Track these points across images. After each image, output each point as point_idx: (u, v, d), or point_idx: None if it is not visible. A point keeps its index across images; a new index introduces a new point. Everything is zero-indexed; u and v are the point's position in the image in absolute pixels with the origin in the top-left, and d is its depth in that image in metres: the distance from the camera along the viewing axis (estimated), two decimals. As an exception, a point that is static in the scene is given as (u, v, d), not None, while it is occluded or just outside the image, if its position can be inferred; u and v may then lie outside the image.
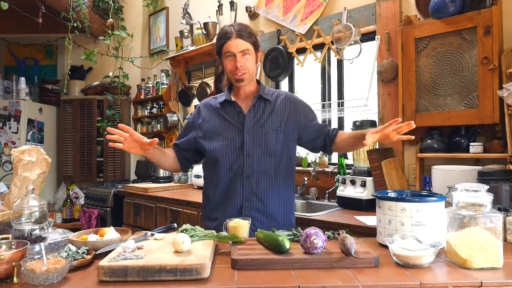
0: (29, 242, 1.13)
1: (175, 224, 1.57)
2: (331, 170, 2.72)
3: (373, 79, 2.51)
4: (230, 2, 3.31)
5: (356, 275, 1.03)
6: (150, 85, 4.40)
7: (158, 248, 1.17)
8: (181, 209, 2.87)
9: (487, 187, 1.15)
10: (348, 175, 2.38)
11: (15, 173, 1.46)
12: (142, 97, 4.48)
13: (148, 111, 4.42)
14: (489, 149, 1.94)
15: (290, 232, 1.32)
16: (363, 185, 2.24)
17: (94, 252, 1.19)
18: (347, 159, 2.61)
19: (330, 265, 1.09)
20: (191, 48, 3.70)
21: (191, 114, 1.80)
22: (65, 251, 1.15)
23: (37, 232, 1.25)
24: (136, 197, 3.38)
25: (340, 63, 2.91)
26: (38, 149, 1.52)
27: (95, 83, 4.67)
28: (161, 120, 4.20)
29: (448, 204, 1.28)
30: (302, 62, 2.90)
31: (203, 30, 3.52)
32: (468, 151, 2.00)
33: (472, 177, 1.85)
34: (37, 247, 1.22)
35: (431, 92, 2.11)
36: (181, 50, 3.86)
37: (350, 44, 2.55)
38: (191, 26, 3.72)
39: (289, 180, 1.72)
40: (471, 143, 1.98)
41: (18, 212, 1.25)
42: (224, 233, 1.35)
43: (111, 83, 4.36)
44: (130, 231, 1.40)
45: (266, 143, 1.64)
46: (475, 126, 2.03)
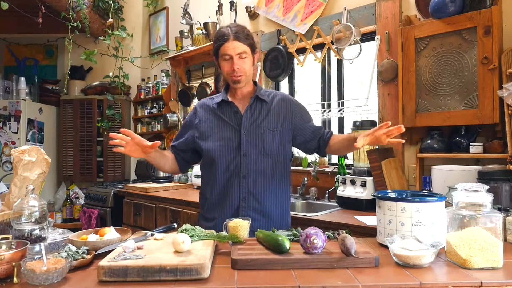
0: (29, 242, 1.13)
1: (175, 224, 1.57)
2: (331, 170, 2.72)
3: (373, 79, 2.51)
4: (230, 2, 3.31)
5: (356, 275, 1.03)
6: (150, 85, 4.40)
7: (158, 248, 1.18)
8: (181, 209, 2.87)
9: (487, 187, 1.15)
10: (348, 175, 2.38)
11: (15, 173, 1.46)
12: (142, 97, 4.48)
13: (148, 111, 4.42)
14: (489, 149, 1.94)
15: (290, 232, 1.32)
16: (363, 185, 2.24)
17: (94, 252, 1.19)
18: (347, 159, 2.61)
19: (330, 265, 1.09)
20: (191, 48, 3.70)
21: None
22: (65, 251, 1.15)
23: (37, 232, 1.25)
24: (136, 197, 3.38)
25: (340, 63, 2.91)
26: (38, 149, 1.52)
27: (95, 83, 4.67)
28: (161, 120, 4.20)
29: (448, 204, 1.28)
30: (302, 62, 2.90)
31: (203, 30, 3.52)
32: (468, 151, 2.00)
33: (472, 177, 1.85)
34: (37, 247, 1.22)
35: (431, 92, 2.11)
36: (181, 50, 3.86)
37: (350, 44, 2.55)
38: (191, 26, 3.72)
39: (285, 180, 1.73)
40: (471, 143, 1.98)
41: (18, 212, 1.26)
42: (224, 233, 1.35)
43: (111, 83, 4.36)
44: (130, 231, 1.40)
45: (263, 143, 1.65)
46: (475, 126, 2.03)
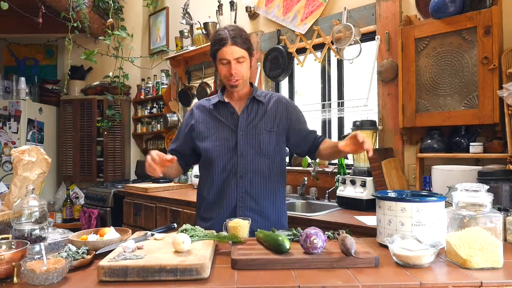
0: (29, 242, 1.13)
1: (175, 224, 1.57)
2: (331, 170, 2.72)
3: (373, 79, 2.51)
4: (230, 2, 3.31)
5: (356, 275, 1.03)
6: (150, 85, 4.40)
7: (158, 248, 1.18)
8: (181, 209, 2.87)
9: (487, 187, 1.15)
10: (348, 175, 2.38)
11: (15, 173, 1.46)
12: (142, 97, 4.48)
13: (148, 111, 4.42)
14: (489, 149, 1.94)
15: (290, 232, 1.32)
16: (363, 185, 2.24)
17: (94, 252, 1.19)
18: (347, 159, 2.61)
19: (330, 265, 1.09)
20: (191, 48, 3.70)
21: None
22: (65, 251, 1.15)
23: (37, 232, 1.26)
24: (136, 197, 3.38)
25: (340, 63, 2.91)
26: (38, 149, 1.52)
27: (95, 83, 4.66)
28: (161, 120, 4.19)
29: (448, 204, 1.28)
30: (302, 62, 2.90)
31: (203, 30, 3.52)
32: (468, 151, 2.00)
33: (472, 177, 1.85)
34: (37, 247, 1.22)
35: (431, 92, 2.11)
36: (181, 50, 3.86)
37: (350, 44, 2.55)
38: (191, 26, 3.71)
39: (281, 180, 1.75)
40: (471, 143, 1.98)
41: (18, 212, 1.26)
42: (224, 233, 1.35)
43: (111, 83, 4.36)
44: (130, 231, 1.40)
45: (260, 143, 1.66)
46: (475, 126, 2.03)
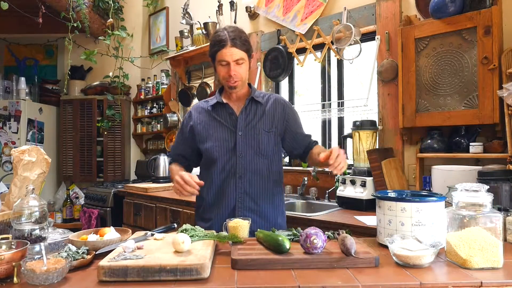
0: (29, 242, 1.13)
1: (175, 224, 1.57)
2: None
3: (373, 79, 2.51)
4: (230, 2, 3.30)
5: (356, 275, 1.03)
6: (150, 85, 4.40)
7: (158, 248, 1.18)
8: (181, 209, 2.87)
9: (487, 187, 1.15)
10: (348, 175, 2.38)
11: (15, 173, 1.46)
12: (142, 97, 4.48)
13: (148, 111, 4.42)
14: (489, 149, 1.94)
15: (290, 232, 1.32)
16: (363, 185, 2.24)
17: (94, 252, 1.19)
18: (347, 159, 2.60)
19: (330, 265, 1.09)
20: (191, 48, 3.70)
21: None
22: (65, 251, 1.15)
23: (37, 232, 1.25)
24: (136, 197, 3.38)
25: (340, 63, 2.91)
26: (38, 149, 1.52)
27: (95, 83, 4.66)
28: (161, 120, 4.19)
29: (448, 204, 1.28)
30: (302, 62, 2.90)
31: (203, 30, 3.52)
32: (468, 151, 2.00)
33: (472, 177, 1.85)
34: (37, 247, 1.22)
35: (431, 92, 2.11)
36: (181, 50, 3.86)
37: (350, 44, 2.55)
38: (191, 26, 3.71)
39: (279, 180, 1.76)
40: (471, 143, 1.98)
41: (18, 212, 1.26)
42: (224, 233, 1.35)
43: (111, 83, 4.36)
44: (130, 231, 1.40)
45: (259, 144, 1.67)
46: (475, 126, 2.03)
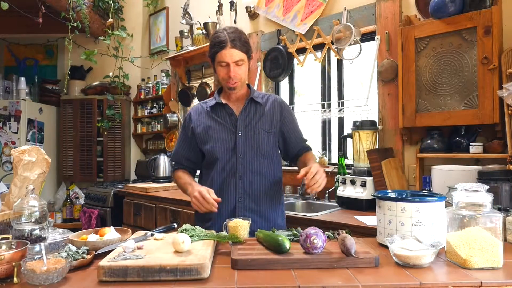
0: (29, 242, 1.13)
1: (175, 224, 1.57)
2: (331, 170, 2.71)
3: (373, 79, 2.51)
4: (230, 2, 3.30)
5: (356, 275, 1.03)
6: (150, 85, 4.40)
7: (158, 248, 1.18)
8: (181, 209, 2.87)
9: (487, 187, 1.15)
10: (348, 175, 2.38)
11: (15, 173, 1.46)
12: (142, 97, 4.48)
13: (148, 111, 4.42)
14: (489, 149, 1.94)
15: (290, 232, 1.32)
16: (363, 185, 2.24)
17: (94, 252, 1.19)
18: (347, 159, 2.61)
19: (330, 265, 1.09)
20: (191, 48, 3.70)
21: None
22: (65, 251, 1.15)
23: (37, 232, 1.25)
24: (136, 197, 3.38)
25: (340, 63, 2.91)
26: (38, 149, 1.52)
27: (95, 83, 4.66)
28: (161, 120, 4.20)
29: (448, 204, 1.28)
30: (302, 62, 2.90)
31: (203, 30, 3.52)
32: (468, 151, 2.00)
33: (472, 177, 1.85)
34: (37, 247, 1.22)
35: (431, 92, 2.11)
36: (181, 50, 3.86)
37: (350, 44, 2.55)
38: (191, 26, 3.71)
39: (279, 181, 1.76)
40: (471, 143, 1.98)
41: (18, 212, 1.26)
42: (224, 233, 1.35)
43: (111, 83, 4.36)
44: (130, 231, 1.40)
45: (259, 144, 1.67)
46: (475, 126, 2.03)
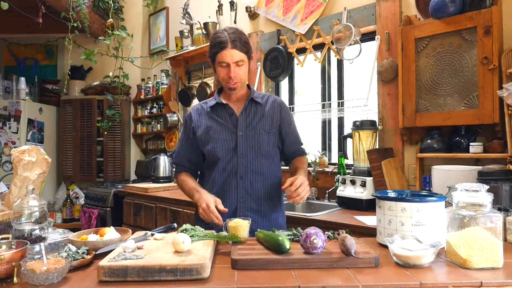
0: (29, 242, 1.13)
1: (175, 224, 1.57)
2: (331, 170, 2.72)
3: (373, 79, 2.50)
4: (230, 2, 3.30)
5: (356, 275, 1.03)
6: (150, 85, 4.40)
7: (158, 248, 1.18)
8: (181, 209, 2.87)
9: (487, 187, 1.15)
10: (348, 175, 2.38)
11: (15, 173, 1.46)
12: (142, 97, 4.48)
13: (148, 111, 4.42)
14: (489, 149, 1.94)
15: (290, 232, 1.32)
16: (363, 185, 2.24)
17: (94, 252, 1.19)
18: (347, 159, 2.61)
19: (330, 265, 1.09)
20: (191, 48, 3.70)
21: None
22: (65, 251, 1.15)
23: (37, 232, 1.25)
24: (136, 197, 3.38)
25: (340, 63, 2.91)
26: (38, 149, 1.52)
27: (95, 83, 4.66)
28: (161, 120, 4.19)
29: (448, 204, 1.28)
30: (302, 62, 2.90)
31: (203, 30, 3.52)
32: (468, 151, 2.00)
33: (472, 177, 1.85)
34: (37, 247, 1.22)
35: (431, 92, 2.11)
36: (181, 50, 3.85)
37: (350, 44, 2.55)
38: (191, 26, 3.71)
39: (279, 180, 1.76)
40: (471, 143, 1.98)
41: (18, 212, 1.26)
42: (224, 233, 1.35)
43: (111, 83, 4.35)
44: (130, 231, 1.40)
45: (259, 144, 1.68)
46: (475, 126, 2.03)
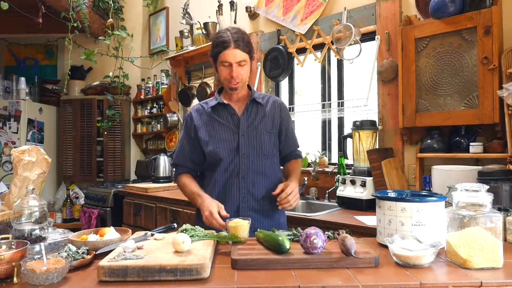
0: (29, 242, 1.13)
1: (175, 224, 1.57)
2: (331, 170, 2.71)
3: (373, 79, 2.50)
4: (230, 2, 3.30)
5: (356, 275, 1.03)
6: (150, 85, 4.40)
7: (158, 248, 1.18)
8: (181, 209, 2.87)
9: (487, 187, 1.15)
10: (348, 175, 2.38)
11: (15, 173, 1.46)
12: (142, 97, 4.48)
13: (148, 111, 4.42)
14: (489, 149, 1.94)
15: (290, 232, 1.32)
16: (363, 185, 2.24)
17: (94, 252, 1.19)
18: (347, 159, 2.61)
19: (330, 265, 1.09)
20: (191, 48, 3.70)
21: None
22: (65, 251, 1.15)
23: (37, 232, 1.25)
24: (136, 197, 3.38)
25: (340, 63, 2.91)
26: (38, 149, 1.52)
27: (95, 83, 4.66)
28: (161, 120, 4.20)
29: (448, 204, 1.28)
30: (302, 62, 2.90)
31: (203, 30, 3.52)
32: (468, 151, 2.00)
33: (472, 177, 1.85)
34: (37, 247, 1.22)
35: (431, 92, 2.11)
36: (181, 50, 3.86)
37: (350, 44, 2.55)
38: (191, 26, 3.71)
39: (279, 181, 1.77)
40: (471, 143, 1.98)
41: (18, 212, 1.26)
42: (224, 233, 1.35)
43: (111, 83, 4.36)
44: (130, 231, 1.40)
45: (261, 144, 1.68)
46: (475, 126, 2.03)
